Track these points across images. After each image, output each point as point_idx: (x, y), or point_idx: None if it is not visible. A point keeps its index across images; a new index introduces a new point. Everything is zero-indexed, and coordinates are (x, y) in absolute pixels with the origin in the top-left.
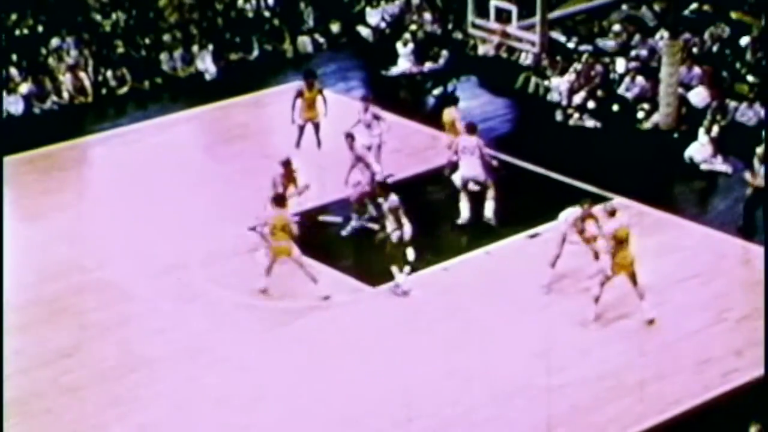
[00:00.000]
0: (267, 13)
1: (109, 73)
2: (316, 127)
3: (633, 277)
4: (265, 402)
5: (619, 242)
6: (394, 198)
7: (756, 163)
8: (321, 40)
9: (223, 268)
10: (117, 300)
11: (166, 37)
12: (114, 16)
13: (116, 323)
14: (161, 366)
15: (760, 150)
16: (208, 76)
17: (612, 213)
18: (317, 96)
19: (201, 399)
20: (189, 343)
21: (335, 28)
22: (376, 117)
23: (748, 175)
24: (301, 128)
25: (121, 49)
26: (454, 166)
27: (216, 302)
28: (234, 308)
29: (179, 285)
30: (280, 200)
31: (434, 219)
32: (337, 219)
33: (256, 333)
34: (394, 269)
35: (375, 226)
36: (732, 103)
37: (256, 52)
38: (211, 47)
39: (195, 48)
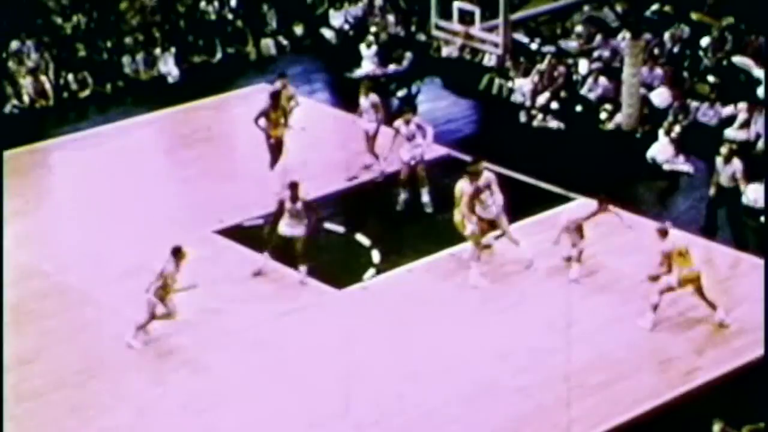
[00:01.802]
0: (230, 16)
1: (70, 77)
2: (282, 143)
3: (700, 290)
4: (229, 406)
5: (680, 255)
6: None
7: (719, 163)
8: (284, 42)
9: (186, 272)
10: (78, 305)
11: (128, 40)
12: (75, 18)
13: (77, 328)
14: (123, 371)
15: (724, 150)
16: (170, 79)
17: (664, 233)
18: (282, 115)
19: (164, 403)
20: (151, 348)
21: (298, 30)
22: (420, 126)
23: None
24: (272, 148)
25: (82, 52)
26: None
27: (178, 307)
28: (197, 312)
29: (141, 290)
30: None
31: (399, 220)
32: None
33: (219, 337)
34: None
35: (339, 228)
36: (693, 103)
37: (219, 55)
38: (173, 50)
39: (157, 51)
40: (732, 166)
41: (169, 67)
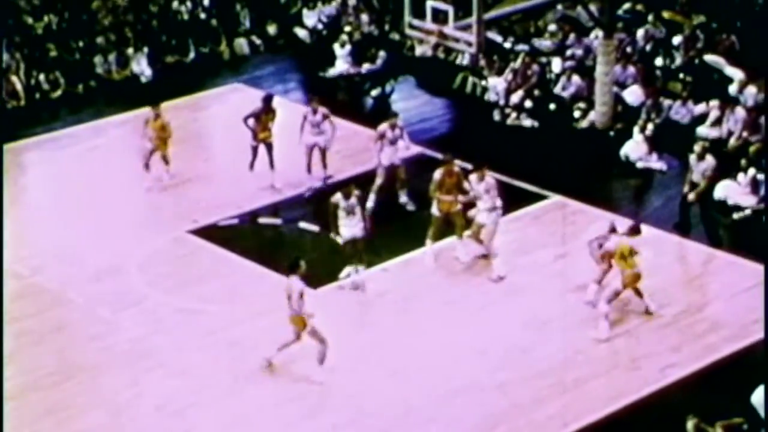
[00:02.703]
0: (203, 15)
1: (41, 77)
2: (269, 147)
3: (638, 291)
4: (204, 407)
5: (622, 258)
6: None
7: (693, 160)
8: (258, 41)
9: (161, 273)
10: (53, 306)
11: (100, 40)
12: (46, 18)
13: (52, 330)
14: (99, 372)
15: (698, 147)
16: (143, 79)
17: (613, 230)
18: (272, 118)
19: (139, 405)
20: (126, 348)
21: (272, 29)
22: (402, 129)
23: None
24: (255, 149)
25: (53, 52)
26: None
27: (154, 307)
28: (172, 313)
29: (116, 290)
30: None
31: (373, 219)
32: (277, 221)
33: (195, 338)
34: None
35: (314, 228)
36: (666, 101)
37: (192, 54)
38: (146, 50)
39: (130, 50)
40: (705, 163)
41: (142, 66)
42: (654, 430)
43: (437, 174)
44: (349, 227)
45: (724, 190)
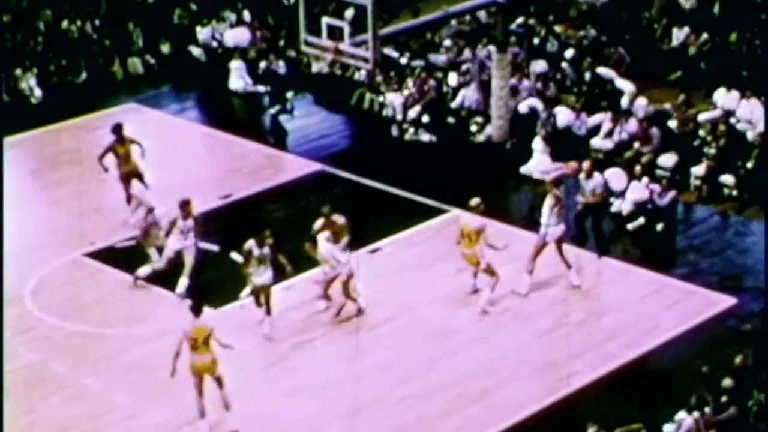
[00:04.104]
0: (94, 35)
1: None
2: (141, 178)
3: (485, 271)
4: (104, 431)
5: (467, 237)
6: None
7: (582, 179)
8: (152, 60)
9: (55, 297)
10: None
11: None
12: None
13: None
14: None
15: (585, 165)
16: (33, 100)
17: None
18: (131, 148)
19: (39, 431)
20: (22, 375)
21: (165, 48)
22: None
23: (580, 197)
24: (125, 182)
25: None
26: None
27: (49, 332)
28: (68, 337)
29: (10, 316)
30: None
31: (275, 237)
32: None
33: (92, 362)
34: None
35: (214, 248)
36: (561, 114)
37: (84, 75)
38: (35, 70)
39: (18, 71)
40: (594, 181)
41: (31, 87)
42: None
43: (317, 224)
44: (258, 275)
45: (617, 202)
